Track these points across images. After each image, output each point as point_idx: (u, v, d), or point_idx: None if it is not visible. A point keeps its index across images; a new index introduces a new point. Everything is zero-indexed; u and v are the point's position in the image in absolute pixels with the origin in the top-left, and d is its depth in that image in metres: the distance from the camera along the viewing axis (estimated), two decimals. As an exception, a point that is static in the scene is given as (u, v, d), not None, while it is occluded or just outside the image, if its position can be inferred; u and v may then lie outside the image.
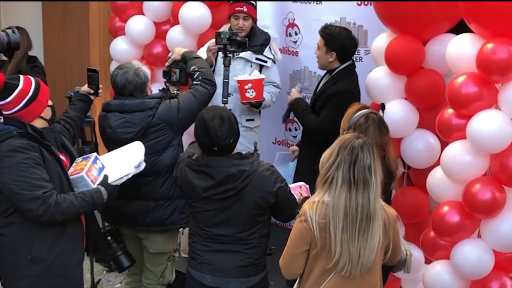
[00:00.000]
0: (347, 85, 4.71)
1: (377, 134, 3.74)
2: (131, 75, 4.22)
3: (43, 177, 3.50)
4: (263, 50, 5.26)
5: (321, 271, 3.20)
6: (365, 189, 3.07)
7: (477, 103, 3.98)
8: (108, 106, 4.29)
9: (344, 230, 3.08)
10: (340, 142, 3.15)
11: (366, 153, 3.08)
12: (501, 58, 3.81)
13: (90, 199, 3.63)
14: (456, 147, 4.11)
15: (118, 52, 6.28)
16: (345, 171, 3.07)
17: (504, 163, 3.99)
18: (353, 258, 3.10)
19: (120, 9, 6.22)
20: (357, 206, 3.07)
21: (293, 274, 3.31)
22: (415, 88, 4.43)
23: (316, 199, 3.17)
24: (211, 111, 3.65)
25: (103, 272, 5.90)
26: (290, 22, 5.66)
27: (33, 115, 3.66)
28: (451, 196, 4.24)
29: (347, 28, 4.86)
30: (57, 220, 3.53)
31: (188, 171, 3.68)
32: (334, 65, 4.76)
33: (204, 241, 3.74)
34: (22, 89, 3.60)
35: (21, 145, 3.50)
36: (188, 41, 5.83)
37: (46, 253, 3.63)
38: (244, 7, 5.13)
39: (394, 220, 3.23)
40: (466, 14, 4.06)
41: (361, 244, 3.09)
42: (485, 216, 4.14)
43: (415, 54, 4.38)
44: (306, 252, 3.20)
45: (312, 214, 3.12)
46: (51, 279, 3.66)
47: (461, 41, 4.09)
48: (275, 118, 5.89)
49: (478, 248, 4.18)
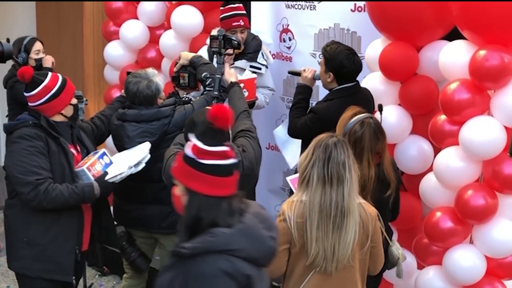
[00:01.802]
0: (326, 108, 4.42)
1: (373, 140, 3.68)
2: (142, 86, 4.28)
3: (41, 165, 3.74)
4: (256, 57, 5.28)
5: (302, 269, 3.25)
6: (339, 185, 3.11)
7: (470, 109, 4.01)
8: (124, 116, 4.32)
9: (319, 227, 3.13)
10: (315, 141, 3.21)
11: (340, 150, 3.12)
12: (493, 65, 3.85)
13: (80, 192, 3.78)
14: (449, 153, 4.13)
15: (112, 56, 6.29)
16: (320, 168, 3.11)
17: (496, 169, 4.02)
18: (328, 254, 3.14)
19: (114, 13, 6.23)
20: (331, 202, 3.11)
21: (276, 273, 3.33)
22: (408, 94, 4.45)
23: (295, 198, 3.22)
24: (202, 114, 3.65)
25: (95, 276, 5.90)
26: (284, 27, 5.67)
27: (53, 110, 3.91)
28: (443, 202, 4.26)
29: (352, 49, 4.55)
30: (45, 207, 3.74)
31: None
32: (332, 85, 4.50)
33: None
34: (46, 85, 3.86)
35: (29, 133, 3.78)
36: (180, 45, 5.84)
37: (40, 237, 3.84)
38: (241, 21, 5.12)
39: (373, 217, 3.25)
40: (459, 21, 4.09)
41: (335, 240, 3.13)
42: (477, 222, 4.16)
43: (409, 61, 4.41)
44: (287, 250, 3.24)
45: (291, 214, 3.17)
46: (42, 263, 3.85)
47: (454, 48, 4.12)
48: (268, 123, 5.90)
49: (470, 254, 4.20)
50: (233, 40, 4.57)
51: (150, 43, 6.21)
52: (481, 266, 4.20)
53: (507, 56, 3.86)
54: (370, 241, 3.27)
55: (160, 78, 4.41)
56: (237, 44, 4.63)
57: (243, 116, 3.99)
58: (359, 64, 4.48)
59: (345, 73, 4.42)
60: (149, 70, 4.43)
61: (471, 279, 4.21)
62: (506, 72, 3.88)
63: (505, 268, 4.30)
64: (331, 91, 4.52)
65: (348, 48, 4.49)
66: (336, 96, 4.44)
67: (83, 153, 4.07)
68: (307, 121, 4.44)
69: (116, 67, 6.31)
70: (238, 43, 4.64)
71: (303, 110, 4.58)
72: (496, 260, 4.26)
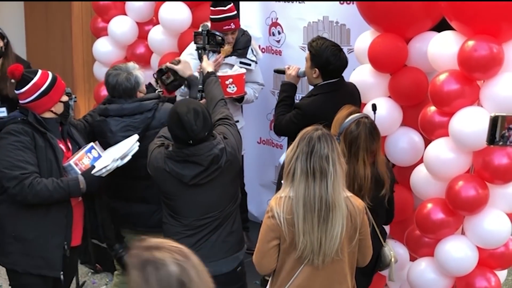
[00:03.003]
0: (310, 103, 4.42)
1: (368, 140, 3.67)
2: (121, 79, 4.24)
3: (27, 160, 3.75)
4: (246, 53, 5.27)
5: (291, 264, 3.25)
6: (323, 178, 3.10)
7: (459, 100, 4.00)
8: (106, 111, 4.28)
9: (305, 220, 3.12)
10: (300, 134, 3.20)
11: (324, 144, 3.10)
12: (482, 55, 3.84)
13: (65, 186, 3.78)
14: (439, 145, 4.13)
15: (101, 53, 6.26)
16: (303, 162, 3.11)
17: (487, 160, 4.02)
18: (314, 247, 3.14)
19: (103, 10, 6.19)
20: (314, 196, 3.10)
21: (266, 269, 3.35)
22: (398, 86, 4.45)
23: (283, 194, 3.21)
24: (185, 105, 3.66)
25: (88, 274, 5.87)
26: (273, 21, 5.65)
27: (43, 107, 3.90)
28: (434, 194, 4.27)
29: (337, 45, 4.52)
30: (30, 201, 3.74)
31: (170, 162, 3.68)
32: (317, 81, 4.49)
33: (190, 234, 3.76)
34: (35, 83, 3.86)
35: (15, 129, 3.80)
36: (168, 40, 5.82)
37: (28, 232, 3.85)
38: (232, 24, 5.08)
39: (360, 210, 3.24)
40: (447, 12, 4.08)
41: (321, 233, 3.12)
42: (468, 213, 4.16)
43: (398, 52, 4.40)
44: (276, 247, 3.24)
45: (279, 210, 3.17)
46: (29, 258, 3.85)
47: (443, 39, 4.11)
48: (259, 117, 5.90)
49: (462, 245, 4.21)
50: (217, 36, 4.56)
51: (139, 39, 6.17)
52: (473, 257, 4.21)
53: (495, 46, 3.86)
54: (358, 234, 3.26)
55: (140, 72, 4.34)
56: (221, 40, 4.62)
57: (220, 104, 4.06)
58: (345, 60, 4.48)
59: (331, 70, 4.41)
60: (129, 64, 4.39)
61: (463, 270, 4.22)
62: (495, 62, 3.88)
63: (497, 258, 4.31)
64: (316, 86, 4.51)
65: (334, 44, 4.47)
66: (321, 92, 4.43)
67: (74, 149, 4.05)
68: (292, 117, 4.43)
69: (105, 63, 6.27)
70: (222, 38, 4.63)
71: (288, 107, 4.57)
72: (488, 251, 4.26)
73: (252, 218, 5.86)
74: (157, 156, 3.74)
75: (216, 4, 5.09)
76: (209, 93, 4.22)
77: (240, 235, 3.95)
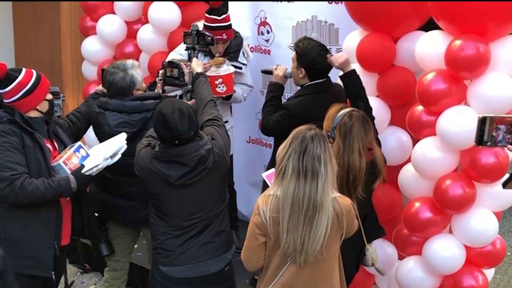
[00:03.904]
0: (297, 104, 4.39)
1: (362, 131, 3.66)
2: (117, 78, 4.27)
3: (17, 161, 3.72)
4: (237, 56, 5.27)
5: (277, 262, 3.26)
6: (314, 178, 3.11)
7: (446, 99, 4.02)
8: (106, 104, 4.31)
9: (291, 218, 3.13)
10: (293, 133, 3.20)
11: (317, 144, 3.11)
12: (469, 54, 3.86)
13: (56, 186, 3.77)
14: (427, 144, 4.15)
15: (90, 52, 6.25)
16: (295, 160, 3.11)
17: (474, 159, 4.04)
18: (297, 246, 3.15)
19: (91, 9, 6.19)
20: (304, 195, 3.11)
21: (254, 266, 3.37)
22: (386, 86, 4.46)
23: (271, 192, 3.22)
24: (170, 105, 3.65)
25: (76, 274, 5.86)
26: (262, 20, 5.65)
27: (28, 106, 3.87)
28: (422, 192, 4.28)
29: (324, 45, 4.47)
30: (21, 202, 3.72)
31: (157, 163, 3.68)
32: (304, 81, 4.46)
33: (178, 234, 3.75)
34: (20, 82, 3.83)
35: (3, 129, 3.75)
36: (158, 39, 5.82)
37: (18, 232, 3.83)
38: (224, 35, 5.04)
39: (348, 211, 3.24)
40: (435, 11, 4.09)
41: (305, 233, 3.13)
42: (455, 212, 4.18)
43: (386, 52, 4.41)
44: (263, 244, 3.26)
45: (265, 209, 3.18)
46: (21, 259, 3.83)
47: (430, 38, 4.13)
48: (248, 116, 5.90)
49: (450, 244, 4.23)
50: (207, 36, 4.56)
51: (127, 37, 6.17)
52: (460, 255, 4.23)
53: (482, 46, 3.88)
54: (345, 234, 3.27)
55: (137, 71, 4.36)
56: (211, 40, 4.62)
57: (210, 105, 4.06)
58: None
59: (317, 70, 4.39)
60: (128, 62, 4.40)
61: (451, 268, 4.24)
62: (482, 61, 3.89)
63: (484, 257, 4.33)
64: (303, 87, 4.49)
65: (320, 45, 4.44)
66: (308, 92, 4.42)
67: (60, 148, 4.05)
68: (279, 117, 4.42)
69: (93, 62, 6.26)
70: (212, 38, 4.63)
71: (275, 107, 4.55)
72: (475, 249, 4.29)
73: (241, 217, 5.87)
74: (143, 156, 3.74)
75: (210, 11, 5.03)
76: (198, 94, 4.23)
77: (229, 235, 3.95)
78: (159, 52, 5.81)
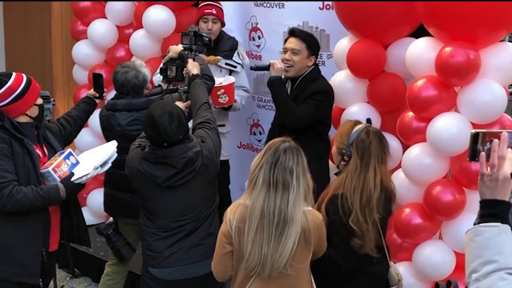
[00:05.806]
0: (328, 85, 4.53)
1: (379, 148, 3.47)
2: (130, 76, 4.39)
3: (6, 168, 3.69)
4: (232, 55, 5.27)
5: (243, 274, 3.18)
6: (285, 191, 3.05)
7: (437, 106, 4.03)
8: (115, 105, 4.42)
9: (258, 231, 3.06)
10: (268, 144, 3.17)
11: (289, 156, 3.06)
12: (459, 61, 3.88)
13: (45, 194, 3.74)
14: (417, 150, 4.16)
15: (81, 56, 6.23)
16: (266, 171, 3.06)
17: (464, 165, 4.06)
18: (264, 260, 3.06)
19: (82, 13, 6.17)
20: (274, 208, 3.04)
21: (222, 276, 3.29)
22: (376, 92, 4.47)
23: (241, 201, 3.17)
24: (160, 107, 3.66)
25: (66, 279, 5.83)
26: (253, 26, 5.66)
27: (18, 111, 3.84)
28: (412, 198, 4.29)
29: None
30: (9, 210, 3.69)
31: (145, 163, 3.68)
32: (306, 69, 4.52)
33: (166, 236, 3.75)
34: (10, 87, 3.79)
35: None
36: (152, 45, 5.80)
37: (6, 239, 3.80)
38: (213, 10, 5.15)
39: (317, 227, 3.14)
40: (425, 18, 4.11)
41: (273, 246, 3.05)
42: (446, 218, 4.19)
43: (377, 58, 4.43)
44: (230, 253, 3.19)
45: (232, 217, 3.13)
46: (8, 266, 3.81)
47: (420, 44, 4.15)
48: (240, 122, 5.89)
49: (440, 250, 4.24)
50: (204, 37, 4.56)
51: (119, 42, 6.15)
52: (450, 261, 4.24)
53: (472, 53, 3.90)
54: (314, 252, 3.17)
55: (147, 70, 4.50)
56: (208, 41, 4.62)
57: (204, 108, 4.06)
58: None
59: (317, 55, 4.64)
60: (137, 61, 4.55)
61: (440, 274, 4.24)
62: (472, 68, 3.91)
63: (473, 263, 4.33)
64: (313, 69, 4.53)
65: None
66: (319, 75, 4.56)
67: (50, 153, 4.01)
68: (316, 103, 4.38)
69: (84, 66, 6.25)
70: (209, 39, 4.63)
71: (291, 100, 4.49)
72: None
73: (231, 223, 5.84)
74: (133, 157, 3.75)
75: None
76: (193, 96, 4.23)
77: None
78: (152, 58, 5.79)
